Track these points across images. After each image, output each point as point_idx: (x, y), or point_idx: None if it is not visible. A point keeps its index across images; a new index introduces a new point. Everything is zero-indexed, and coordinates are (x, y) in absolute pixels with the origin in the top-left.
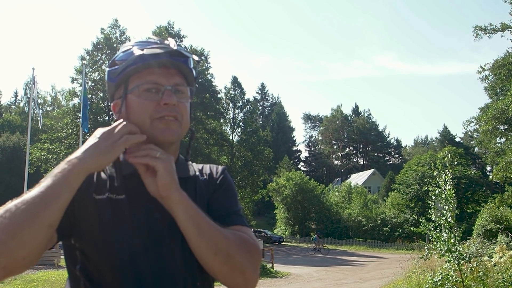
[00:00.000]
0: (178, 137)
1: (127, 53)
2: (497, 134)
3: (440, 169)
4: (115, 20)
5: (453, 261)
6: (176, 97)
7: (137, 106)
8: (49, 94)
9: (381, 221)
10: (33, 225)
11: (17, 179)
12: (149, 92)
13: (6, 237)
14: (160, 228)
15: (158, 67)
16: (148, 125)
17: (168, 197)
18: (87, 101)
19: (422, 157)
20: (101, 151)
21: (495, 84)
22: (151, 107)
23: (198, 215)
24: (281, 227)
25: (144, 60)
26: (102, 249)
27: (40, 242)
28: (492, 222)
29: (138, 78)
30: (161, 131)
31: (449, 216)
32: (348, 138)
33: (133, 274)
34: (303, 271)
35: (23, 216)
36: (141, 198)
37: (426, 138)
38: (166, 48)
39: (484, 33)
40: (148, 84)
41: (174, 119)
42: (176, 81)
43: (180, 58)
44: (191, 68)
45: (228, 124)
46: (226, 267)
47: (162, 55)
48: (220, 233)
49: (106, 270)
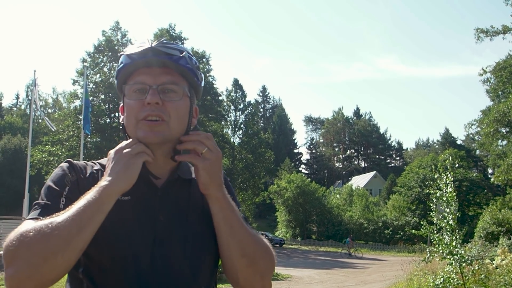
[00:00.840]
0: (164, 138)
1: (121, 56)
2: (499, 136)
3: (442, 171)
4: (116, 22)
5: (455, 263)
6: (164, 96)
7: (127, 107)
8: (51, 96)
9: (383, 224)
10: (67, 251)
11: (19, 181)
12: (137, 93)
13: (39, 262)
14: (164, 231)
15: (145, 67)
16: (134, 126)
17: (206, 194)
18: (89, 103)
19: (423, 159)
20: (122, 169)
21: (497, 87)
22: (137, 108)
23: (232, 215)
24: (282, 230)
25: (132, 60)
26: (105, 250)
27: (71, 265)
28: (494, 224)
29: (130, 80)
30: (143, 133)
31: (451, 218)
32: (350, 140)
33: (136, 277)
34: (304, 273)
35: (58, 242)
36: (146, 200)
37: (427, 141)
38: (149, 45)
39: (486, 36)
40: (136, 84)
41: (160, 120)
42: (163, 80)
43: (170, 56)
44: (185, 65)
45: (229, 127)
46: (249, 270)
47: (147, 54)
48: (250, 237)
49: (110, 272)
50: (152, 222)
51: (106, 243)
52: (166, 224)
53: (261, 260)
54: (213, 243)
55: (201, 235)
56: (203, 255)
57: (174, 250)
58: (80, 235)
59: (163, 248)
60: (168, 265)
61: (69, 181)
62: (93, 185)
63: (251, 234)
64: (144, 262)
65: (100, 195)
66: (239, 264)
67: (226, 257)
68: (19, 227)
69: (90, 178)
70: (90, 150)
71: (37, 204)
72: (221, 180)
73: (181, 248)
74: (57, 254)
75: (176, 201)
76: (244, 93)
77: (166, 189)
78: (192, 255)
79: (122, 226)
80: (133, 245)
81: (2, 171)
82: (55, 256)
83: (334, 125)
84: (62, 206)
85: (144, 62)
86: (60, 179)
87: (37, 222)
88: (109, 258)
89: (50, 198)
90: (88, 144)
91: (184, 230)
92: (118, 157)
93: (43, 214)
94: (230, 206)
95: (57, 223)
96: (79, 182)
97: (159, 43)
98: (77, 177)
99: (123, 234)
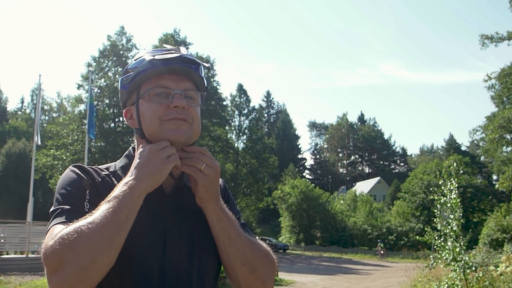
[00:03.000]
0: (189, 138)
1: (139, 60)
2: (503, 143)
3: (446, 178)
4: (121, 27)
5: (459, 270)
6: (186, 101)
7: (148, 109)
8: (55, 101)
9: (387, 230)
10: (111, 250)
11: (23, 185)
12: (159, 97)
13: (88, 264)
14: (173, 236)
15: (168, 73)
16: (158, 126)
17: (202, 207)
18: (93, 108)
19: (427, 165)
20: (155, 169)
21: (502, 93)
22: (161, 110)
23: (230, 226)
24: (286, 235)
25: (154, 65)
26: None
27: (113, 264)
28: (498, 231)
29: (149, 83)
30: (171, 131)
31: (455, 225)
32: (354, 146)
33: (145, 282)
34: (308, 279)
35: (102, 242)
36: (154, 206)
37: (432, 147)
38: (177, 54)
39: (491, 42)
40: (158, 88)
41: (185, 121)
42: (186, 86)
43: (190, 65)
44: (201, 75)
45: (233, 132)
46: (251, 277)
47: (172, 61)
48: (248, 245)
49: (119, 277)
50: (161, 227)
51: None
52: (174, 230)
53: (261, 266)
54: (216, 248)
55: (206, 241)
56: (209, 260)
57: (183, 256)
58: (121, 234)
59: (172, 253)
60: (177, 271)
61: (87, 184)
62: (108, 189)
63: (250, 242)
64: (153, 268)
65: (133, 194)
66: (240, 272)
67: (228, 266)
68: (53, 231)
69: (104, 182)
70: (94, 155)
71: (60, 209)
72: (218, 194)
73: (188, 253)
74: (103, 254)
75: (183, 207)
76: (249, 98)
77: (173, 196)
78: (199, 260)
79: (130, 233)
80: (141, 250)
81: (7, 175)
82: (101, 257)
83: (338, 130)
84: (87, 210)
85: (169, 68)
86: (77, 183)
87: (74, 224)
88: (117, 263)
89: (73, 202)
90: (92, 149)
91: (191, 236)
92: (151, 157)
93: (70, 219)
94: (227, 216)
95: (97, 223)
96: (96, 185)
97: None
98: (92, 181)
99: (132, 238)
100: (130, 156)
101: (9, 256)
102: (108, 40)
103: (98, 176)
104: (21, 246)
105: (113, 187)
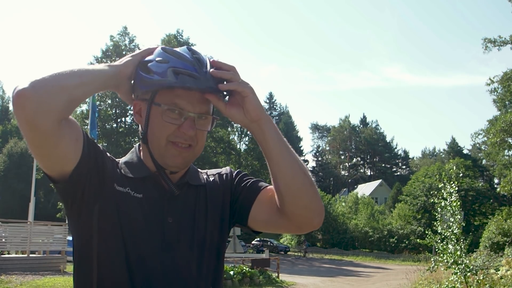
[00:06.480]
0: (187, 164)
1: (162, 68)
2: (505, 146)
3: (446, 181)
4: (124, 28)
5: (460, 273)
6: (197, 124)
7: (158, 124)
8: None
9: (388, 232)
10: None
11: (25, 185)
12: (173, 113)
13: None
14: (173, 233)
15: (185, 89)
16: (163, 146)
17: (260, 119)
18: (96, 108)
19: (429, 168)
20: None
21: (504, 97)
22: (170, 129)
23: (282, 137)
24: (287, 237)
25: (177, 83)
26: (114, 248)
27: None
28: (499, 234)
29: (165, 95)
30: (172, 157)
31: (456, 228)
32: (356, 148)
33: (145, 278)
34: (309, 281)
35: (69, 76)
36: (155, 201)
37: (434, 150)
38: (200, 80)
39: (494, 45)
40: (173, 106)
41: (188, 147)
42: (201, 110)
43: (211, 83)
44: (217, 93)
45: (235, 133)
46: (312, 189)
47: (196, 76)
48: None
49: (119, 273)
50: (161, 223)
51: (115, 242)
52: (174, 226)
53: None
54: (220, 248)
55: (209, 240)
56: (210, 259)
57: (182, 253)
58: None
59: (171, 250)
60: (176, 268)
61: (104, 151)
62: (112, 174)
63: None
64: (152, 264)
65: (111, 68)
66: (304, 183)
67: (290, 178)
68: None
69: (109, 164)
70: None
71: None
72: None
73: (189, 251)
74: (68, 79)
75: (184, 205)
76: None
77: (175, 192)
78: (199, 258)
79: (132, 223)
80: (141, 245)
81: (9, 175)
82: (66, 81)
83: (340, 133)
84: (85, 141)
85: (188, 87)
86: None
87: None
88: (118, 258)
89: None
90: None
91: (192, 234)
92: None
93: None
94: (278, 129)
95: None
96: (106, 163)
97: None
98: (104, 158)
99: (132, 232)
100: (135, 154)
101: (10, 256)
102: (111, 40)
103: (111, 163)
104: (23, 245)
105: (115, 172)
